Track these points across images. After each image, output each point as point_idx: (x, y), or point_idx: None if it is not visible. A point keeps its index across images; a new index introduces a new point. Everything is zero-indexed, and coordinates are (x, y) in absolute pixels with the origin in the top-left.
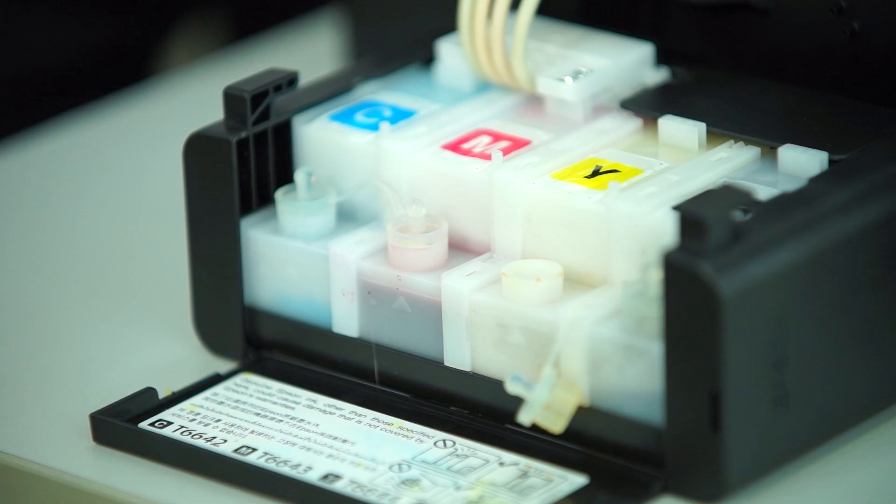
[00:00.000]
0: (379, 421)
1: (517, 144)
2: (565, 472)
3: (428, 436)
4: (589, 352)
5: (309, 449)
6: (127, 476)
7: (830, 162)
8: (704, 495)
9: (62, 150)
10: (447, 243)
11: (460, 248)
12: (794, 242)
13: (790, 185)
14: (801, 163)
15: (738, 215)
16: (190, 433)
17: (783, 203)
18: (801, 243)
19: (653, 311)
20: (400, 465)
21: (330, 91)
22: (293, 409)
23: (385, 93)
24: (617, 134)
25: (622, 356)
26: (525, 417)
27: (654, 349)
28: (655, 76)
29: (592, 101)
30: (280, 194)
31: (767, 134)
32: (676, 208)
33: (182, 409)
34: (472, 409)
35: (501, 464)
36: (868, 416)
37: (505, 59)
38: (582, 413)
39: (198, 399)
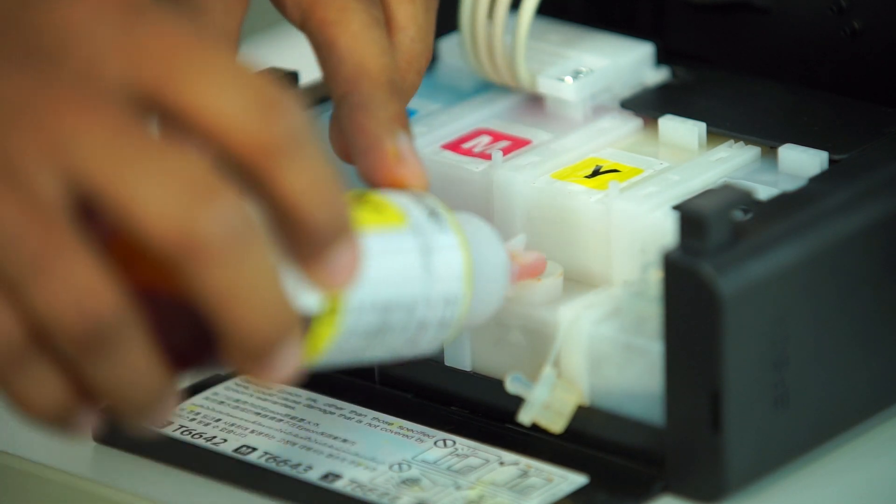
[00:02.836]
0: (379, 420)
1: (517, 144)
2: (565, 471)
3: (428, 435)
4: (589, 351)
5: (309, 448)
6: (127, 475)
7: (830, 162)
8: (704, 495)
9: None
10: None
11: None
12: (794, 242)
13: (790, 185)
14: (801, 163)
15: (738, 215)
16: (190, 433)
17: (783, 203)
18: (801, 243)
19: (653, 311)
20: (400, 464)
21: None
22: (293, 408)
23: None
24: (617, 134)
25: (622, 356)
26: (525, 417)
27: (654, 349)
28: (655, 76)
29: (592, 101)
30: None
31: (767, 134)
32: (677, 208)
33: (182, 409)
34: (472, 409)
35: (501, 463)
36: (868, 416)
37: (505, 59)
38: (582, 413)
39: (198, 399)
